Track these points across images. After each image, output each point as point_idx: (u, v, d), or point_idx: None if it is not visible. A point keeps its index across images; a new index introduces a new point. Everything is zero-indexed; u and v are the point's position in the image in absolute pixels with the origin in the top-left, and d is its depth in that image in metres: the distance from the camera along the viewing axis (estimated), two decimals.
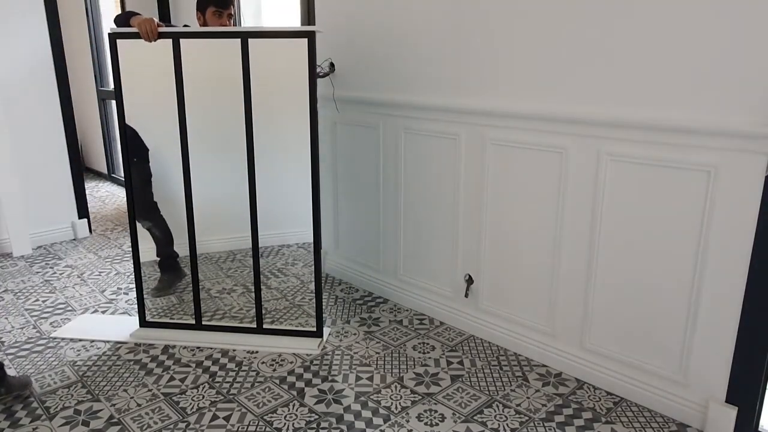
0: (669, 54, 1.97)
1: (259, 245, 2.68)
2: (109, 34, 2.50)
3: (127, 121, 2.59)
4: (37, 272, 3.65)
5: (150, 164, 2.73)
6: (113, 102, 4.73)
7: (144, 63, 2.54)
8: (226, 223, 2.78)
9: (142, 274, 2.78)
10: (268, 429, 2.14)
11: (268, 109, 2.52)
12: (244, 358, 2.62)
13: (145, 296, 2.81)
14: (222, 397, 2.33)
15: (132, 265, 2.81)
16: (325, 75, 3.14)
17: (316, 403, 2.29)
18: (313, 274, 2.71)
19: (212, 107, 2.59)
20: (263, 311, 2.78)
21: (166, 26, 2.51)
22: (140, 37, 2.44)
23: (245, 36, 2.41)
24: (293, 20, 3.64)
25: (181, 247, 2.79)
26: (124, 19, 2.53)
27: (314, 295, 2.71)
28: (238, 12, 4.06)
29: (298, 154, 2.52)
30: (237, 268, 2.97)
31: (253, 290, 2.74)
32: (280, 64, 2.47)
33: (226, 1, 2.76)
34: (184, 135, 2.57)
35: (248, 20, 4.23)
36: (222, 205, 2.72)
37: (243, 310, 2.87)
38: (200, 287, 2.78)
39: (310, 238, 2.66)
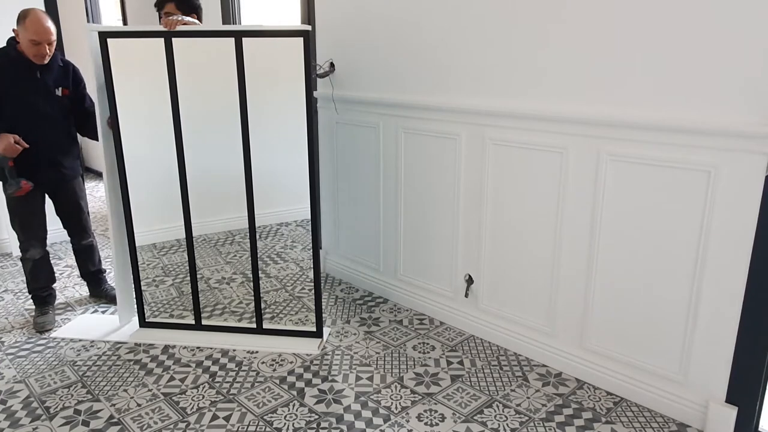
0: (669, 54, 1.96)
1: (257, 225, 2.65)
2: (99, 32, 2.49)
3: (120, 114, 2.58)
4: None
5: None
6: None
7: (138, 58, 2.54)
8: (224, 203, 2.74)
9: (140, 270, 2.79)
10: (268, 429, 2.14)
11: (264, 99, 2.52)
12: (244, 358, 2.62)
13: (143, 290, 2.81)
14: (222, 397, 2.33)
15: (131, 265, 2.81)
16: (325, 74, 3.14)
17: (316, 403, 2.29)
18: (313, 276, 2.71)
19: (208, 101, 2.59)
20: (263, 305, 2.77)
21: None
22: (134, 36, 2.47)
23: (239, 35, 2.41)
24: (293, 20, 3.64)
25: (177, 230, 2.74)
26: None
27: (314, 292, 2.71)
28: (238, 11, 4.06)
29: (295, 129, 2.48)
30: (236, 252, 2.94)
31: (252, 280, 2.73)
32: (281, 60, 2.47)
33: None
34: (177, 117, 2.56)
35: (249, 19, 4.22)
36: (218, 184, 2.69)
37: (243, 303, 2.87)
38: (199, 277, 2.77)
39: (308, 215, 2.63)
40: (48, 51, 2.69)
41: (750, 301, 1.94)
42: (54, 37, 2.70)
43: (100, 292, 3.25)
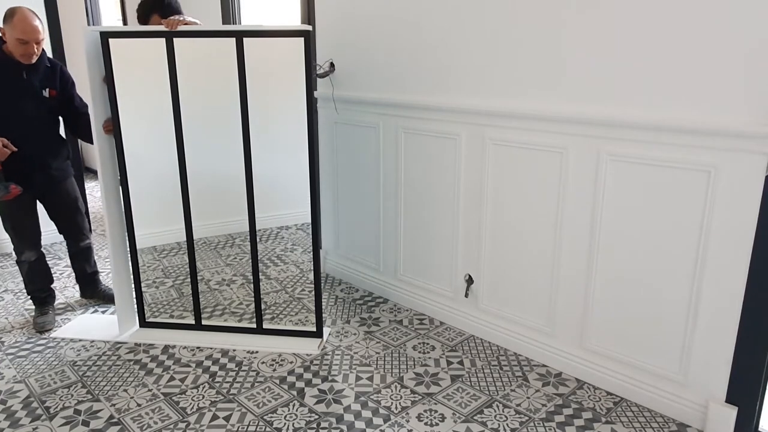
0: (669, 54, 1.97)
1: (257, 228, 2.65)
2: (101, 33, 2.49)
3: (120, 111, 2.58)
4: None
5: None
6: None
7: (138, 57, 2.54)
8: (224, 206, 2.74)
9: (140, 272, 2.79)
10: (268, 429, 2.14)
11: (265, 100, 2.52)
12: (244, 358, 2.62)
13: (143, 291, 2.81)
14: (222, 397, 2.33)
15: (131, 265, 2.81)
16: (325, 74, 3.14)
17: (316, 403, 2.29)
18: (313, 275, 2.71)
19: (208, 102, 2.59)
20: (263, 306, 2.77)
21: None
22: (136, 36, 2.46)
23: (240, 35, 2.41)
24: (293, 20, 3.64)
25: (177, 233, 2.74)
26: None
27: (314, 292, 2.71)
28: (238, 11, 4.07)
29: (295, 130, 2.47)
30: (236, 255, 2.95)
31: (252, 281, 2.73)
32: (281, 60, 2.47)
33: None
34: (178, 119, 2.56)
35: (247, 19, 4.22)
36: (218, 186, 2.68)
37: (243, 304, 2.87)
38: (200, 278, 2.77)
39: (308, 218, 2.63)
40: (36, 50, 2.63)
41: (750, 301, 1.94)
42: (42, 36, 2.63)
43: (97, 293, 3.24)
